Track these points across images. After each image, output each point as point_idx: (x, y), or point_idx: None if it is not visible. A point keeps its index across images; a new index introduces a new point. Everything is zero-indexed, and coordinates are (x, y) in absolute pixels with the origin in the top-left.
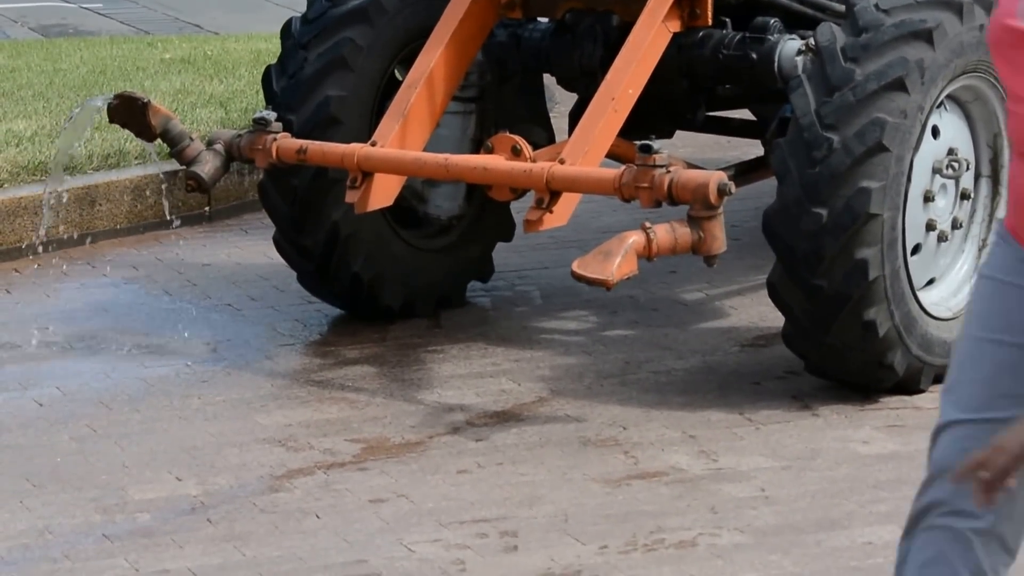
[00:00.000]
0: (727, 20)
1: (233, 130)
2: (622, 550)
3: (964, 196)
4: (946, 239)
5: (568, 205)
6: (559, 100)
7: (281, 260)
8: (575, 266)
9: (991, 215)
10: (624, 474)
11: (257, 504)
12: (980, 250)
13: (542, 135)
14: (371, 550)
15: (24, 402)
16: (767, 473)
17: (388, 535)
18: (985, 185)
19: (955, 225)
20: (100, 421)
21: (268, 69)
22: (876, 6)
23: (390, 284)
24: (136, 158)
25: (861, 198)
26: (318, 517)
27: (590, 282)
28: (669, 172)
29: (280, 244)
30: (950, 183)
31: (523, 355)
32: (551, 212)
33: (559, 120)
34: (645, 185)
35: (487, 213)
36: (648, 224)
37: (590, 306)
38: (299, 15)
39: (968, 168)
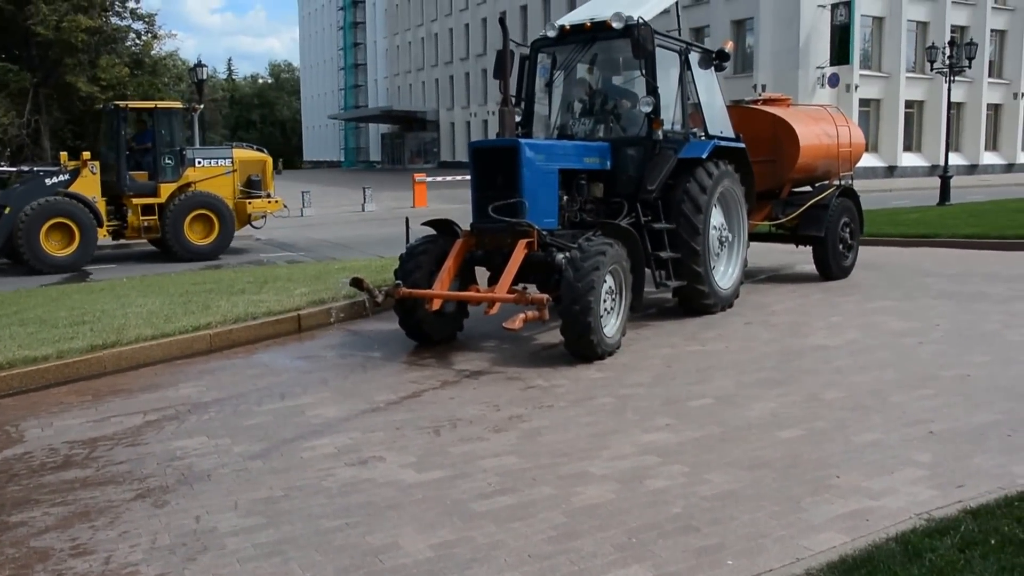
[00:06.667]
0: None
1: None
2: (515, 406)
3: (616, 292)
4: (611, 310)
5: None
6: None
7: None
8: (503, 324)
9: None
10: (527, 387)
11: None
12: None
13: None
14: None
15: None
16: (550, 389)
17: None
18: None
19: (609, 308)
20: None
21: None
22: (580, 246)
23: (436, 330)
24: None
25: (587, 299)
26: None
27: (508, 330)
28: (531, 295)
29: (401, 322)
30: (615, 290)
31: (488, 350)
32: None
33: None
34: (529, 297)
35: (463, 310)
36: (523, 313)
37: (514, 337)
38: None
39: (613, 292)
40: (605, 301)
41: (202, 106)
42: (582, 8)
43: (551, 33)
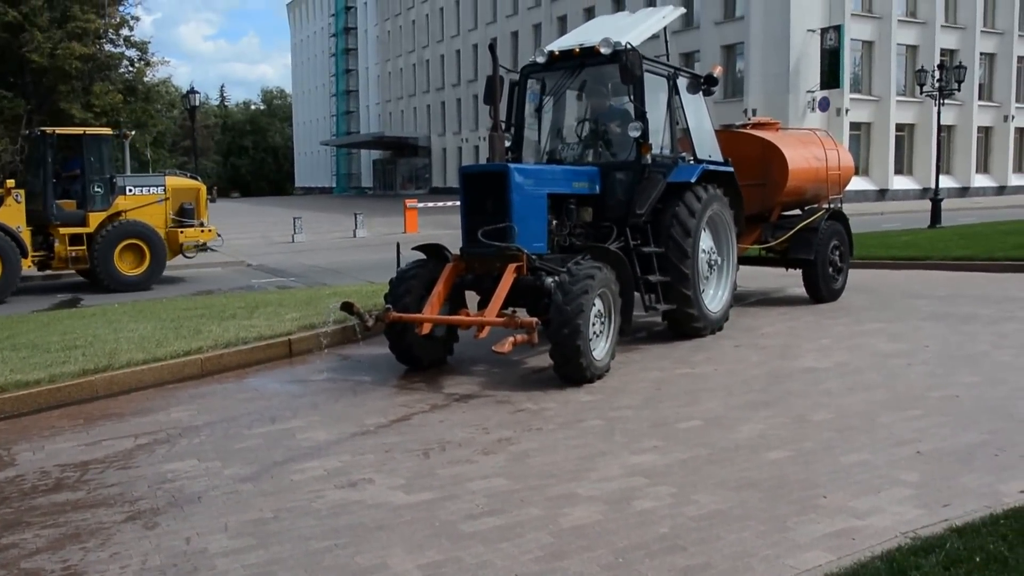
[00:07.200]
0: (534, 270)
1: (376, 310)
2: (506, 427)
3: (605, 315)
4: (600, 333)
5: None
6: None
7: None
8: (493, 347)
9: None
10: (516, 410)
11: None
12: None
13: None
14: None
15: None
16: (538, 411)
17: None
18: None
19: (599, 331)
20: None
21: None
22: (569, 270)
23: (426, 353)
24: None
25: (576, 323)
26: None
27: (498, 353)
28: (520, 318)
29: (391, 346)
30: (604, 313)
31: (477, 373)
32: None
33: None
34: (519, 321)
35: (453, 333)
36: (512, 337)
37: (504, 360)
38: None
39: (602, 316)
40: (594, 325)
41: (133, 132)
42: (571, 34)
43: (540, 59)
